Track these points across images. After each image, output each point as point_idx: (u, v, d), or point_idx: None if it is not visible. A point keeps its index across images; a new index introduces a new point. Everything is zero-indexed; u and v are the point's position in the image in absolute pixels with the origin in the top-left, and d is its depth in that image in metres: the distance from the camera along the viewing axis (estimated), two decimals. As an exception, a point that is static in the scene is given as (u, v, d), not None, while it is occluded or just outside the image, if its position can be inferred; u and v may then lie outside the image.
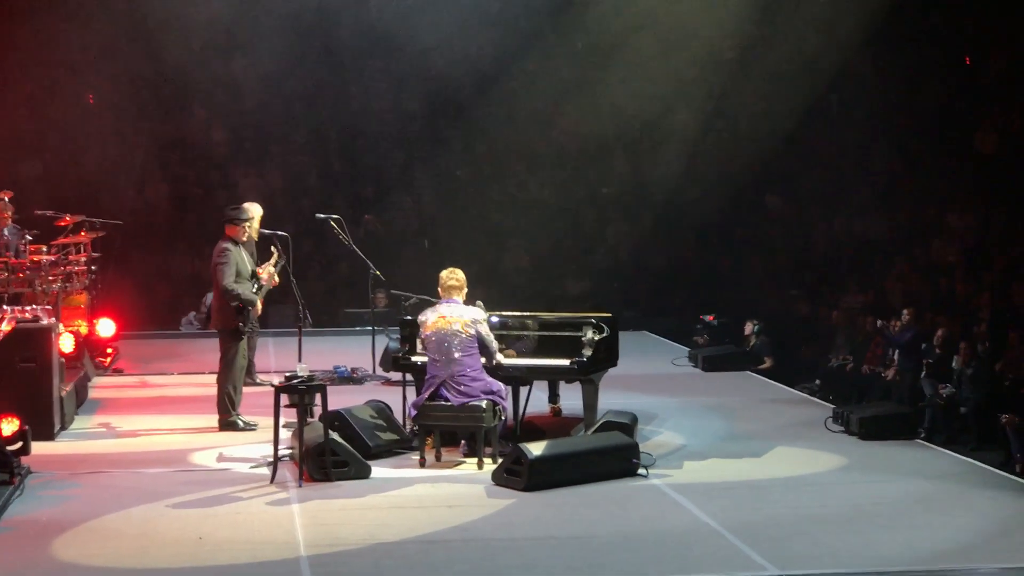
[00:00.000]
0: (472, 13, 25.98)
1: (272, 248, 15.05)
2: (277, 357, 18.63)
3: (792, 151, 24.98)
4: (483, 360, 12.98)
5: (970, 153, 21.57)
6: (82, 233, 18.70)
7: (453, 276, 13.09)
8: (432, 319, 12.93)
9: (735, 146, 25.69)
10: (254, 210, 15.58)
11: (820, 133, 24.71)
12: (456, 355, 12.79)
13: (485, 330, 12.97)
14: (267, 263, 15.03)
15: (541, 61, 26.24)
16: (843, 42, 22.92)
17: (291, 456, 12.85)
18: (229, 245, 14.66)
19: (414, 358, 13.71)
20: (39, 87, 25.38)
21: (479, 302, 13.48)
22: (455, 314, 12.88)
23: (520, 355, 13.56)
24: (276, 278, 15.06)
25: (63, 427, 14.55)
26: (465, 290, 13.11)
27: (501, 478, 12.27)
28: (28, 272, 16.89)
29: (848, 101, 24.47)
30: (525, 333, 13.72)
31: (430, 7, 26.16)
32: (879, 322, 16.93)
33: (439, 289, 13.13)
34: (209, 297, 18.53)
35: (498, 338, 13.25)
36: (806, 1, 23.22)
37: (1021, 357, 14.71)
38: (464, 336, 12.81)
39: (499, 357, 13.15)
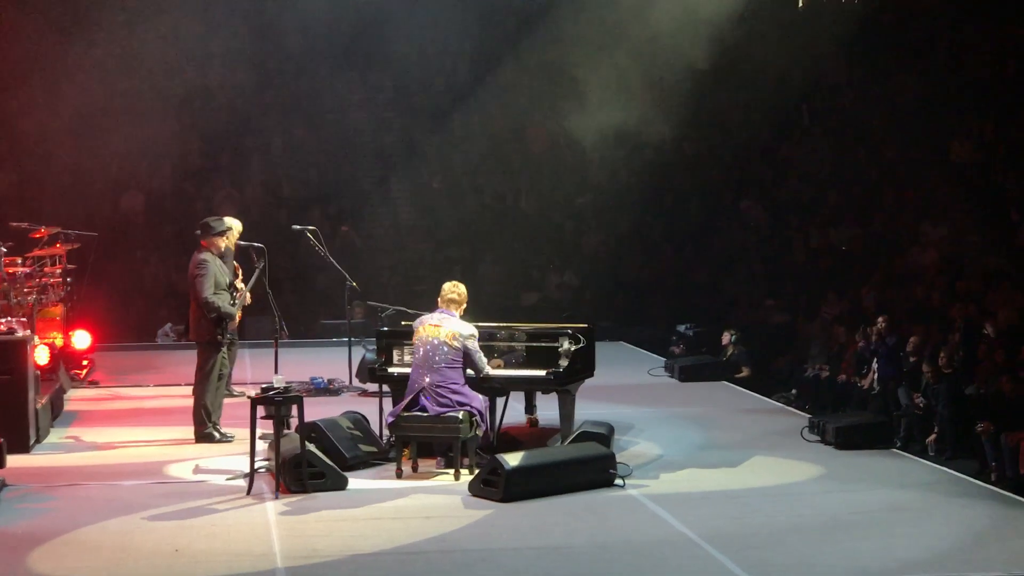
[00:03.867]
0: (447, 25, 25.99)
1: (244, 264, 14.98)
2: (253, 369, 18.62)
3: (767, 161, 25.04)
4: (470, 372, 13.00)
5: (946, 162, 21.62)
6: (57, 245, 18.63)
7: (455, 290, 13.14)
8: (423, 325, 12.97)
9: (710, 156, 25.76)
10: (233, 224, 15.61)
11: (796, 143, 24.76)
12: (439, 366, 12.79)
13: (474, 345, 12.94)
14: (237, 279, 14.92)
15: (516, 71, 26.27)
16: (818, 52, 22.96)
17: (268, 468, 12.81)
18: (207, 256, 14.61)
19: (391, 369, 13.73)
20: (14, 99, 25.29)
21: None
22: (446, 326, 12.89)
23: (507, 366, 13.56)
24: (248, 297, 15.02)
25: (38, 439, 14.48)
26: (464, 306, 13.15)
27: (478, 489, 12.26)
28: (3, 284, 16.82)
29: (823, 110, 24.52)
30: (501, 344, 13.68)
31: (405, 19, 26.19)
32: (870, 330, 16.71)
33: (439, 299, 13.15)
34: None
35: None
36: (780, 11, 23.26)
37: (993, 367, 14.72)
38: (450, 349, 12.81)
39: (488, 370, 13.16)
